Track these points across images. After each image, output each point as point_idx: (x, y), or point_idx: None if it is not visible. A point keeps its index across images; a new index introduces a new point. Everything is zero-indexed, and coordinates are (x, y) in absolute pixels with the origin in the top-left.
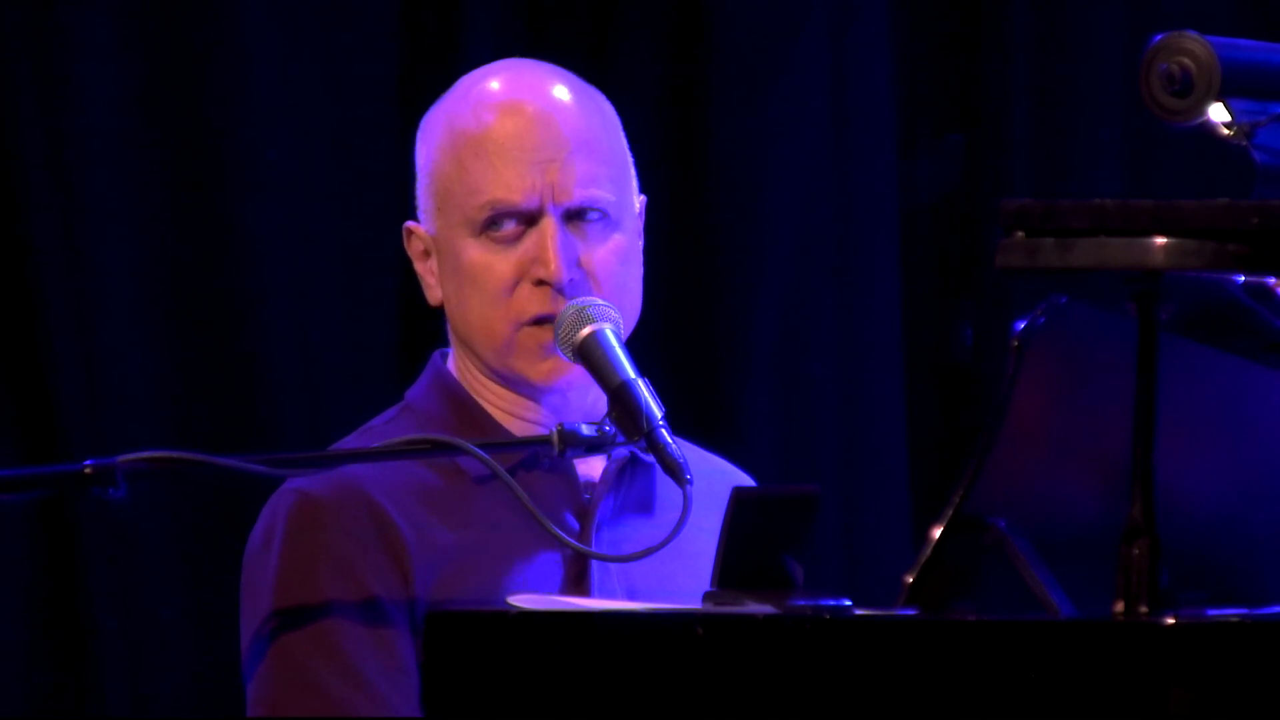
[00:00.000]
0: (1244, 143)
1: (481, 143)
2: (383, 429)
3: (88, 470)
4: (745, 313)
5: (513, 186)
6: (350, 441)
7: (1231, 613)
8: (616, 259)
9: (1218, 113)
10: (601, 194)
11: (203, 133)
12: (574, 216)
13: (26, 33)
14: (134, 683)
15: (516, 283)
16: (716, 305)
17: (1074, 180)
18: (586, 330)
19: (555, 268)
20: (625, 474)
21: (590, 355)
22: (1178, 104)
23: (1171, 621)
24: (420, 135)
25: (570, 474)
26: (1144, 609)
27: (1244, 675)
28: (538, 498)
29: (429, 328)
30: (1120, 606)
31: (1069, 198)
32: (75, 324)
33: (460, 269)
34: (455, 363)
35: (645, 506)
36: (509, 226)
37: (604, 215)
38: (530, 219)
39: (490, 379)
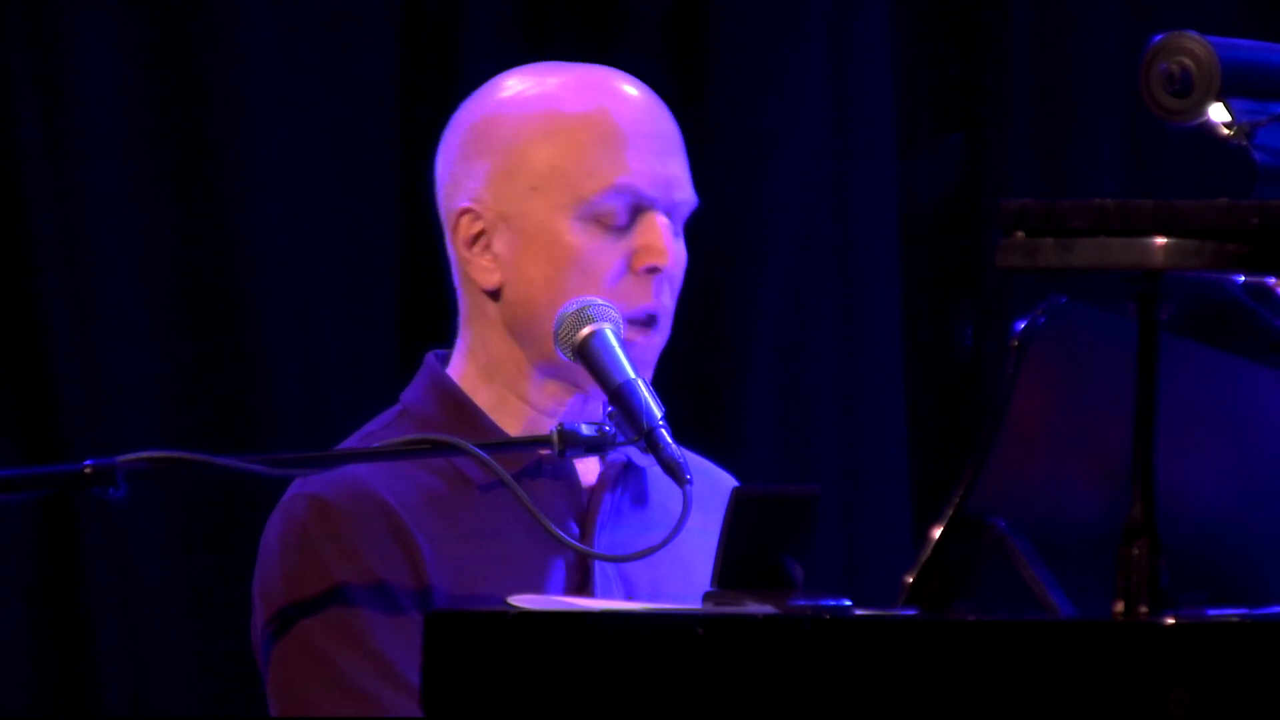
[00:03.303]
0: (1244, 143)
1: (604, 125)
2: (382, 433)
3: (88, 470)
4: (745, 313)
5: (640, 173)
6: (350, 446)
7: (1231, 613)
8: (684, 264)
9: (1218, 113)
10: (695, 197)
11: (202, 132)
12: (668, 214)
13: (26, 32)
14: (134, 682)
15: (622, 273)
16: (716, 306)
17: (1074, 180)
18: (586, 330)
19: (672, 257)
20: (621, 477)
21: (590, 355)
22: (1178, 104)
23: (1171, 621)
24: (487, 121)
25: (572, 479)
26: (1144, 609)
27: (1244, 675)
28: (540, 503)
29: (429, 328)
30: (1120, 606)
31: (1069, 198)
32: (75, 324)
33: (560, 251)
34: (464, 363)
35: (640, 509)
36: (622, 214)
37: (683, 218)
38: (641, 209)
39: (538, 363)
